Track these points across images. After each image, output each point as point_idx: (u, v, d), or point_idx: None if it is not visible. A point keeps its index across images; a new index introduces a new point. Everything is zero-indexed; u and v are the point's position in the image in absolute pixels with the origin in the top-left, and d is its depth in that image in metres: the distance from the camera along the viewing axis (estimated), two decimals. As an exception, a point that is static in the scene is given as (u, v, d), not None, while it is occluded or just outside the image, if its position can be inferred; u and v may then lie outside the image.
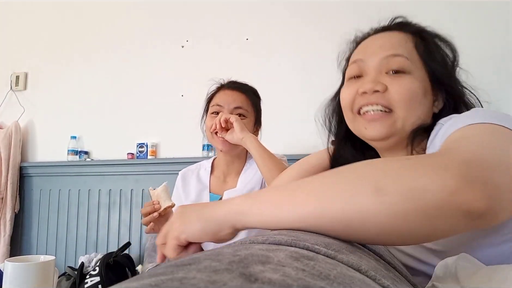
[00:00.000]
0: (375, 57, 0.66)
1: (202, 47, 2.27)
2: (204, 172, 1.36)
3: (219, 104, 1.23)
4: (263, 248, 0.28)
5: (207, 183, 1.33)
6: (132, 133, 2.33)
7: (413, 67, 0.64)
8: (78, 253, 2.28)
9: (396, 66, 0.64)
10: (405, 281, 0.42)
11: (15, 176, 2.42)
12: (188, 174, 1.37)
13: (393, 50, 0.65)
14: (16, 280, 0.77)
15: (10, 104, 2.61)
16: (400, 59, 0.64)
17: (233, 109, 1.23)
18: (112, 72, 2.44)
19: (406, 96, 0.62)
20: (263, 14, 2.19)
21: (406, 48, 0.65)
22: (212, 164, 1.37)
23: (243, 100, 1.25)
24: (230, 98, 1.24)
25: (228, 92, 1.26)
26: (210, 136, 1.24)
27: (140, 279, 0.22)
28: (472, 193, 0.33)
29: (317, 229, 0.37)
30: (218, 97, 1.26)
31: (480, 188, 0.34)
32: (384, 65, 0.65)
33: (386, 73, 0.64)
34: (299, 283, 0.21)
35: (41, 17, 2.65)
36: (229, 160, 1.30)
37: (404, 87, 0.62)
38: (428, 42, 0.67)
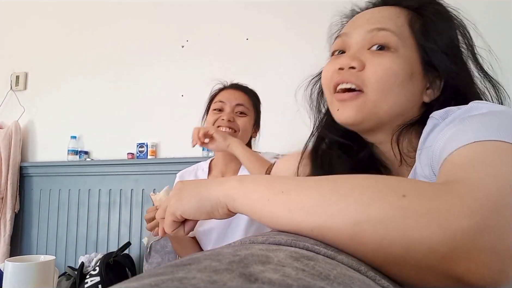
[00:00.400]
0: (360, 30, 0.58)
1: (202, 47, 2.27)
2: (201, 173, 1.37)
3: (221, 101, 1.27)
4: (263, 248, 0.28)
5: None
6: (132, 133, 2.33)
7: (400, 44, 0.55)
8: (78, 253, 2.28)
9: (379, 41, 0.56)
10: (405, 281, 0.42)
11: (15, 176, 2.42)
12: (185, 176, 1.38)
13: (380, 23, 0.57)
14: (16, 280, 0.77)
15: (10, 104, 2.61)
16: (386, 33, 0.56)
17: (235, 106, 1.26)
18: (112, 72, 2.44)
19: (382, 76, 0.54)
20: (263, 14, 2.19)
21: (397, 22, 0.57)
22: (209, 165, 1.39)
23: (245, 99, 1.29)
24: (232, 96, 1.28)
25: (230, 91, 1.31)
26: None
27: (140, 279, 0.22)
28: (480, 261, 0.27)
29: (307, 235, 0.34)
30: (221, 95, 1.30)
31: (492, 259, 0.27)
32: (367, 40, 0.57)
33: (368, 49, 0.57)
34: (299, 283, 0.21)
35: (41, 17, 2.65)
36: (228, 159, 1.31)
37: (383, 66, 0.54)
38: (428, 19, 0.57)
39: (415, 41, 0.56)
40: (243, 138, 1.28)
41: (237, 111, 1.27)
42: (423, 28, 0.57)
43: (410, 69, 0.55)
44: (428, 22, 0.57)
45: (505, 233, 0.28)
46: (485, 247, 0.27)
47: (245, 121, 1.27)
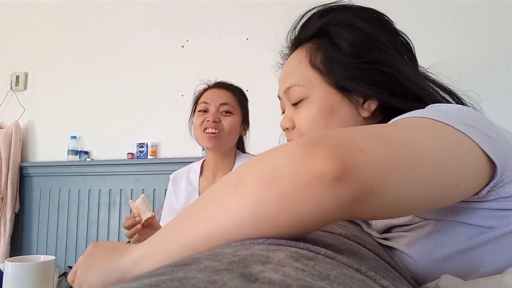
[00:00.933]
0: (281, 92, 0.64)
1: (202, 47, 2.27)
2: (193, 173, 1.37)
3: (205, 102, 1.27)
4: (263, 248, 0.28)
5: (196, 185, 1.33)
6: (132, 133, 2.33)
7: (309, 89, 0.59)
8: (78, 253, 2.28)
9: (293, 99, 0.61)
10: (405, 281, 0.42)
11: (15, 176, 2.42)
12: (178, 177, 1.38)
13: (287, 82, 0.62)
14: (16, 280, 0.77)
15: (10, 104, 2.61)
16: (293, 89, 0.60)
17: (219, 105, 1.26)
18: (112, 72, 2.44)
19: (307, 128, 0.58)
20: (263, 14, 2.19)
21: (299, 71, 0.60)
22: (201, 165, 1.38)
23: (229, 97, 1.28)
24: (216, 96, 1.27)
25: (214, 90, 1.30)
26: (199, 133, 1.26)
27: (140, 279, 0.22)
28: (319, 154, 0.29)
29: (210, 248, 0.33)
30: (205, 95, 1.30)
31: (328, 148, 0.30)
32: (287, 99, 0.63)
33: (292, 105, 0.62)
34: (299, 283, 0.21)
35: (41, 17, 2.65)
36: (218, 158, 1.30)
37: (303, 119, 0.59)
38: (326, 47, 0.59)
39: (321, 75, 0.58)
40: (230, 138, 1.26)
41: (222, 111, 1.25)
42: (324, 59, 0.59)
43: (326, 106, 0.58)
44: (327, 50, 0.59)
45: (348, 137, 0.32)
46: (328, 145, 0.30)
47: (231, 120, 1.25)
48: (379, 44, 0.57)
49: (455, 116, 0.42)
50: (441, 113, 0.42)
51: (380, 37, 0.57)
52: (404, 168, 0.33)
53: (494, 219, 0.45)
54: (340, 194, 0.30)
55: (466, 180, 0.40)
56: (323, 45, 0.59)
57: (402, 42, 0.61)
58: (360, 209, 0.32)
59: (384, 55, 0.56)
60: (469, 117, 0.43)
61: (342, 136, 0.32)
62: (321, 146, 0.30)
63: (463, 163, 0.39)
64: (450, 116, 0.42)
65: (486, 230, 0.46)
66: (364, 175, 0.30)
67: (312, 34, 0.62)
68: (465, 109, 0.47)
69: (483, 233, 0.46)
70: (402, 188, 0.33)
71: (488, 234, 0.46)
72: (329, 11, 0.61)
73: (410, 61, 0.61)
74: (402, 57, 0.59)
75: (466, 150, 0.39)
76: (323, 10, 0.62)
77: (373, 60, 0.56)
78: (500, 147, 0.42)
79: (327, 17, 0.60)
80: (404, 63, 0.58)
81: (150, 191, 2.21)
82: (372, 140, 0.33)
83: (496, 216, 0.45)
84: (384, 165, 0.32)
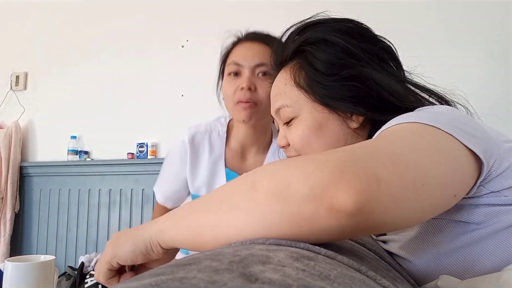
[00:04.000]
0: (272, 112, 0.67)
1: (202, 47, 2.27)
2: (217, 137, 1.08)
3: (237, 63, 1.00)
4: (263, 248, 0.28)
5: (222, 154, 1.07)
6: (132, 133, 2.33)
7: (297, 109, 0.60)
8: (78, 253, 2.28)
9: (283, 118, 0.63)
10: (405, 281, 0.42)
11: (15, 176, 2.42)
12: (197, 138, 1.08)
13: (277, 103, 0.64)
14: (16, 280, 0.76)
15: (10, 104, 2.61)
16: (283, 110, 0.62)
17: (255, 67, 0.98)
18: (112, 72, 2.44)
19: (299, 145, 0.61)
20: (263, 14, 2.18)
21: (286, 92, 0.62)
22: (227, 129, 1.09)
23: (267, 54, 0.96)
24: (249, 53, 1.00)
25: (247, 45, 1.02)
26: (231, 104, 1.01)
27: (140, 279, 0.22)
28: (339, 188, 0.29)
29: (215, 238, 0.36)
30: (235, 53, 1.03)
31: (349, 180, 0.29)
32: (279, 119, 0.65)
33: (284, 124, 0.64)
34: (299, 283, 0.21)
35: (41, 17, 2.65)
36: (251, 134, 1.06)
37: (295, 137, 0.61)
38: (305, 62, 0.60)
39: (307, 95, 0.60)
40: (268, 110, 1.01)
41: (258, 73, 0.98)
42: (306, 79, 0.60)
43: (314, 123, 0.59)
44: (306, 70, 0.59)
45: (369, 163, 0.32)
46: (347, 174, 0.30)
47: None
48: (354, 57, 0.57)
49: (441, 118, 0.43)
50: (428, 115, 0.43)
51: (355, 49, 0.57)
52: (415, 195, 0.33)
53: (486, 216, 0.46)
54: (354, 226, 0.30)
55: (462, 187, 0.41)
56: (303, 64, 0.61)
57: (383, 47, 0.61)
58: (366, 231, 0.33)
59: (359, 68, 0.56)
60: (451, 117, 0.45)
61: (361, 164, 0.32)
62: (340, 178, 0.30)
63: (458, 170, 0.40)
64: (435, 118, 0.43)
65: (478, 227, 0.46)
66: (379, 210, 0.30)
67: (292, 54, 0.63)
68: (446, 110, 0.49)
69: (476, 229, 0.46)
70: (412, 212, 0.34)
71: (480, 231, 0.46)
72: (304, 29, 0.62)
73: (396, 64, 0.61)
74: (383, 64, 0.59)
75: (456, 154, 0.40)
76: (299, 28, 0.63)
77: (348, 75, 0.56)
78: (480, 141, 0.43)
79: (302, 36, 0.61)
80: (383, 72, 0.57)
81: (150, 191, 2.21)
82: (388, 167, 0.32)
83: (488, 213, 0.46)
84: (398, 195, 0.32)
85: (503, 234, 0.45)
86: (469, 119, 0.47)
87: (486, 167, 0.42)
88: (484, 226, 0.46)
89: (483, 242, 0.46)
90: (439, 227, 0.49)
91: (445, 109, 0.49)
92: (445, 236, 0.48)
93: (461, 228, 0.47)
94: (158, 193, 1.21)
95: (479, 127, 0.46)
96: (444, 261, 0.48)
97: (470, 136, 0.42)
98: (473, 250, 0.46)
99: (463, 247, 0.46)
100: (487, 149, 0.43)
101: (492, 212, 0.45)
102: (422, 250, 0.50)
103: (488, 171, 0.43)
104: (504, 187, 0.45)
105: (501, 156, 0.44)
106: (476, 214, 0.46)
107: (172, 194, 1.18)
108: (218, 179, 1.07)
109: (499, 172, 0.44)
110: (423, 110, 0.49)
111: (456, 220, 0.47)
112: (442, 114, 0.46)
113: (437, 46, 1.85)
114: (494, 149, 0.44)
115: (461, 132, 0.42)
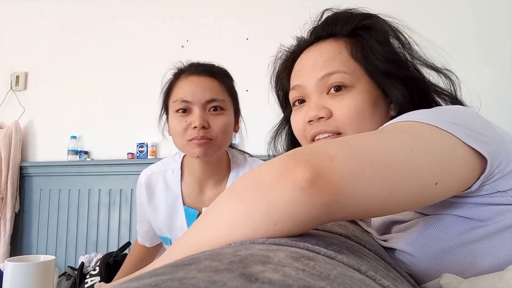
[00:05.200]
0: (311, 79, 0.61)
1: (202, 47, 2.27)
2: (172, 175, 1.04)
3: (185, 100, 0.93)
4: (263, 248, 0.28)
5: (178, 191, 1.03)
6: (132, 133, 2.33)
7: (354, 79, 0.58)
8: (78, 253, 2.28)
9: (335, 84, 0.59)
10: (405, 281, 0.42)
11: (15, 176, 2.42)
12: (152, 179, 1.06)
13: (327, 68, 0.60)
14: (16, 280, 0.76)
15: (10, 104, 2.61)
16: (337, 75, 0.59)
17: (206, 103, 0.93)
18: (112, 72, 2.44)
19: (352, 116, 0.57)
20: (263, 14, 2.19)
21: (341, 60, 0.60)
22: (181, 166, 1.04)
23: (217, 88, 0.94)
24: (198, 89, 0.93)
25: (193, 79, 0.96)
26: (182, 142, 0.95)
27: (140, 279, 0.22)
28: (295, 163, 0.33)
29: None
30: (182, 88, 0.96)
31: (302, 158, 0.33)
32: (323, 86, 0.60)
33: (327, 94, 0.60)
34: (299, 283, 0.21)
35: (41, 17, 2.65)
36: (206, 167, 1.00)
37: (348, 107, 0.57)
38: (365, 41, 0.60)
39: (363, 69, 0.59)
40: (224, 142, 0.96)
41: (210, 108, 0.93)
42: (365, 52, 0.60)
43: (371, 97, 0.59)
44: (367, 43, 0.60)
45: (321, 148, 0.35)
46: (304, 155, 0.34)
47: (224, 120, 0.94)
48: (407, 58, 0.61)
49: (440, 115, 0.44)
50: (428, 114, 0.44)
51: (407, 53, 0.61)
52: (375, 172, 0.35)
53: (491, 213, 0.46)
54: (314, 197, 0.32)
55: (448, 177, 0.41)
56: (360, 40, 0.61)
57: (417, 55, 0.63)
58: (336, 211, 0.34)
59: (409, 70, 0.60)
60: (454, 115, 0.45)
61: (316, 148, 0.35)
62: (296, 156, 0.34)
63: (444, 161, 0.40)
64: (434, 116, 0.43)
65: (482, 224, 0.46)
66: (333, 178, 0.33)
67: (349, 32, 0.62)
68: (457, 108, 0.49)
69: (480, 227, 0.46)
70: (375, 190, 0.35)
71: (484, 228, 0.46)
72: (370, 17, 0.63)
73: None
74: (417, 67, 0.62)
75: (447, 147, 0.41)
76: (364, 14, 0.64)
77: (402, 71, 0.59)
78: (488, 140, 0.43)
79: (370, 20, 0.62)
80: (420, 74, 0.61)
81: (150, 191, 2.22)
82: (343, 149, 0.35)
83: (493, 211, 0.46)
84: (353, 169, 0.34)
85: (507, 232, 0.45)
86: (476, 117, 0.47)
87: (490, 165, 0.42)
88: (488, 223, 0.46)
89: (486, 240, 0.46)
90: (443, 222, 0.49)
91: (456, 108, 0.49)
92: (449, 232, 0.48)
93: (466, 224, 0.47)
94: (138, 232, 1.22)
95: (487, 125, 0.46)
96: (447, 257, 0.48)
97: (477, 134, 0.43)
98: (476, 247, 0.46)
99: (467, 244, 0.47)
100: (495, 148, 0.43)
101: (497, 210, 0.45)
102: (426, 245, 0.50)
103: (493, 170, 0.43)
104: (511, 187, 0.45)
105: (509, 156, 0.44)
106: (481, 211, 0.46)
107: (145, 234, 1.18)
108: (177, 218, 1.03)
109: (506, 171, 0.44)
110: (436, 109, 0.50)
111: (460, 216, 0.47)
112: (448, 111, 0.46)
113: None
114: (502, 149, 0.44)
115: (461, 129, 0.42)
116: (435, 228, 0.50)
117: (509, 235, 0.45)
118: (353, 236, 0.46)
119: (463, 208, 0.47)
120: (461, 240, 0.47)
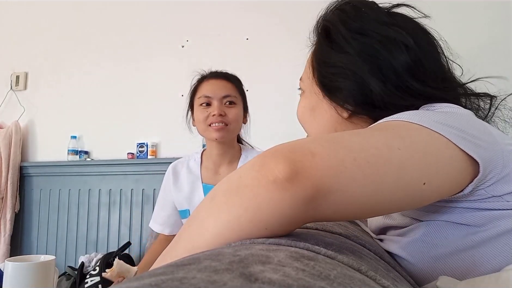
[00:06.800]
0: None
1: (202, 47, 2.27)
2: (193, 163, 1.35)
3: (207, 96, 1.24)
4: (263, 248, 0.28)
5: (198, 173, 1.33)
6: (132, 133, 2.33)
7: (307, 84, 0.63)
8: (78, 253, 2.28)
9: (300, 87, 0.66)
10: (405, 281, 0.42)
11: (15, 176, 2.42)
12: (178, 167, 1.36)
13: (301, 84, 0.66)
14: (16, 280, 0.77)
15: (10, 104, 2.61)
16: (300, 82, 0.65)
17: (222, 98, 1.24)
18: (112, 72, 2.44)
19: (300, 118, 0.65)
20: (263, 14, 2.19)
21: (306, 65, 0.64)
22: (201, 155, 1.36)
23: (230, 88, 1.27)
24: (216, 87, 1.25)
25: (213, 81, 1.28)
26: (203, 127, 1.25)
27: (140, 279, 0.22)
28: (274, 160, 0.32)
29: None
30: (204, 88, 1.27)
31: (281, 155, 0.33)
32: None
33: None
34: (299, 283, 0.21)
35: (41, 17, 2.65)
36: (222, 150, 1.29)
37: (297, 111, 0.65)
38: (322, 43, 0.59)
39: (312, 74, 0.60)
40: (236, 129, 1.27)
41: (225, 102, 1.24)
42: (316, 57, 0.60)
43: (310, 104, 0.61)
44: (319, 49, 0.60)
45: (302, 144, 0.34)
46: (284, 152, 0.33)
47: (236, 111, 1.25)
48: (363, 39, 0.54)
49: (432, 116, 0.43)
50: (419, 115, 0.43)
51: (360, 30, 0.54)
52: (358, 168, 0.34)
53: (486, 219, 0.45)
54: (295, 194, 0.31)
55: (437, 178, 0.40)
56: (319, 42, 0.61)
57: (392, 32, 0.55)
58: (320, 208, 0.33)
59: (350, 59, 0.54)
60: (446, 116, 0.44)
61: (298, 144, 0.35)
62: (276, 154, 0.33)
63: (432, 161, 0.39)
64: (425, 117, 0.43)
65: (477, 230, 0.46)
66: (315, 175, 0.32)
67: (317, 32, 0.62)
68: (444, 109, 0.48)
69: (476, 233, 0.46)
70: (359, 187, 0.34)
71: (481, 234, 0.45)
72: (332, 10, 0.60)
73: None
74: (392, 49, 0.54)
75: (436, 148, 0.40)
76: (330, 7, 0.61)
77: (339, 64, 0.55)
78: (482, 143, 0.42)
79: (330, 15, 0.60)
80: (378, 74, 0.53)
81: (150, 191, 2.22)
82: (325, 145, 0.34)
83: (488, 216, 0.45)
84: (335, 165, 0.33)
85: (503, 238, 0.44)
86: (473, 121, 0.46)
87: (483, 168, 0.41)
88: (484, 229, 0.45)
89: (483, 246, 0.45)
90: (439, 229, 0.48)
91: (450, 109, 0.48)
92: (445, 238, 0.48)
93: (462, 231, 0.47)
94: (153, 225, 1.40)
95: (485, 130, 0.45)
96: (443, 263, 0.47)
97: (470, 136, 0.42)
98: (473, 253, 0.45)
99: (463, 250, 0.46)
100: (490, 151, 0.42)
101: (493, 216, 0.45)
102: (421, 251, 0.49)
103: (486, 174, 0.42)
104: (506, 192, 0.44)
105: (505, 160, 0.44)
106: (477, 217, 0.45)
107: (165, 220, 1.37)
108: (196, 193, 1.31)
109: (501, 175, 0.43)
110: (428, 110, 0.49)
111: (456, 223, 0.47)
112: (440, 113, 0.45)
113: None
114: (497, 152, 0.43)
115: (453, 131, 0.41)
116: (430, 234, 0.49)
117: (505, 241, 0.44)
118: (353, 236, 0.46)
119: (458, 214, 0.47)
120: (456, 246, 0.46)
